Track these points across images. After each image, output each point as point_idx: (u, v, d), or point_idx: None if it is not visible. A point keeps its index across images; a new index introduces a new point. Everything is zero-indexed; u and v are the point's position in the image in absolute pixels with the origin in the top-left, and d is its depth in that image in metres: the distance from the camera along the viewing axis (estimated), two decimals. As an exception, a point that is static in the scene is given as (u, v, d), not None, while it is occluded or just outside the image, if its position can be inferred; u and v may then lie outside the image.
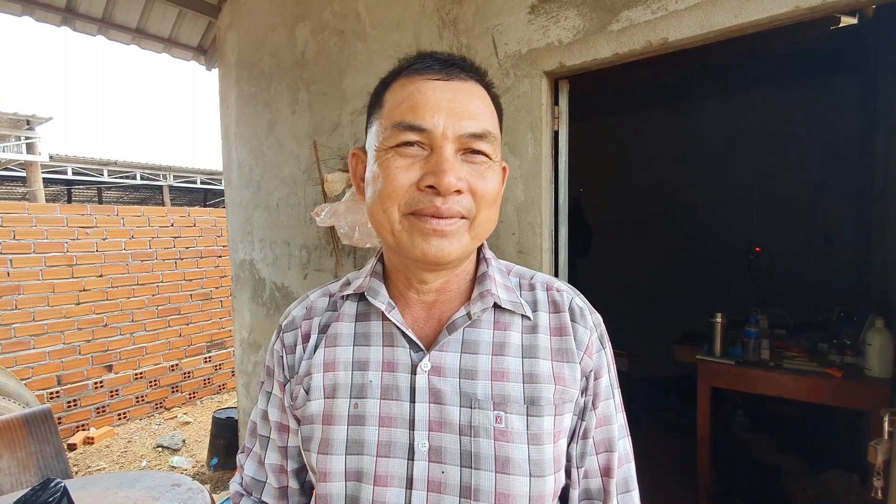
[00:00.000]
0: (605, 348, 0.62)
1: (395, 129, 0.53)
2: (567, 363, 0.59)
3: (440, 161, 0.52)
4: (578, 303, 0.63)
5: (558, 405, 0.57)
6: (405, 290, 0.62)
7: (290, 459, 0.67)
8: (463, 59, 0.57)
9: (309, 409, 0.60)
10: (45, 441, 2.03)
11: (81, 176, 7.18)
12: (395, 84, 0.57)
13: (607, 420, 0.61)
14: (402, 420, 0.56)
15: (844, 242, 3.09)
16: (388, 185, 0.53)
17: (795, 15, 1.15)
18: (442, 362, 0.58)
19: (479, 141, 0.54)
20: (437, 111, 0.53)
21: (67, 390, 3.80)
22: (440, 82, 0.54)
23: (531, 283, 0.64)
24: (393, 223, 0.54)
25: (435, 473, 0.55)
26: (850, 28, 2.11)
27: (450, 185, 0.51)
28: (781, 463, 2.53)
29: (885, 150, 2.41)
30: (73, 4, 2.60)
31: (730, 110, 3.52)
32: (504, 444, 0.54)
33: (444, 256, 0.54)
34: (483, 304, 0.59)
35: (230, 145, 2.69)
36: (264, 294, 2.58)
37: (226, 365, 4.93)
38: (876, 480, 1.18)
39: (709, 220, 3.64)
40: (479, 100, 0.56)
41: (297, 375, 0.63)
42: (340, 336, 0.62)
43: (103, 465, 3.42)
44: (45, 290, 3.71)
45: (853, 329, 2.25)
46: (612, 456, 0.61)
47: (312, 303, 0.67)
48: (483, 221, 0.56)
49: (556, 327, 0.60)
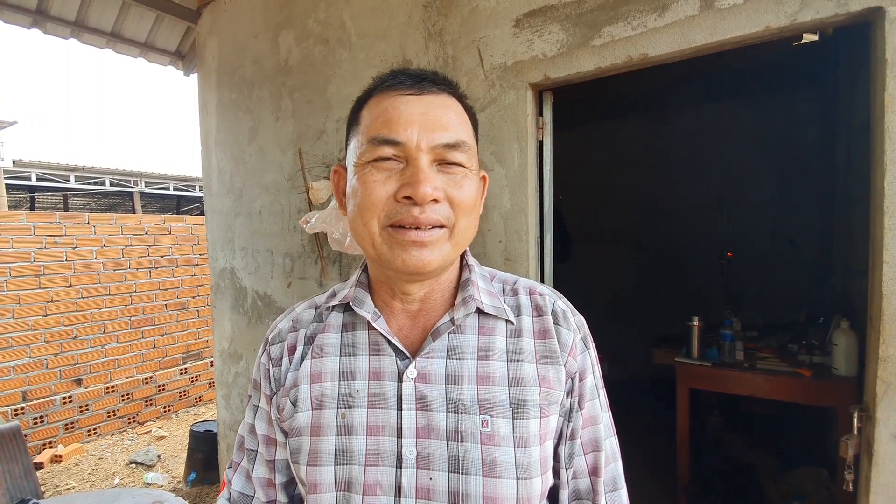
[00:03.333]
0: (588, 349, 0.63)
1: (372, 144, 0.55)
2: (552, 365, 0.60)
3: (416, 172, 0.53)
4: (561, 305, 0.64)
5: (543, 407, 0.58)
6: (390, 299, 0.63)
7: (279, 473, 0.67)
8: (434, 73, 0.59)
9: (296, 422, 0.60)
10: (13, 460, 1.94)
11: (46, 182, 6.90)
12: (371, 101, 0.59)
13: (593, 420, 0.63)
14: (390, 428, 0.57)
15: (809, 247, 3.24)
16: (367, 198, 0.55)
17: (766, 34, 1.23)
18: (428, 369, 0.58)
19: (453, 151, 0.56)
20: (410, 124, 0.54)
21: (33, 406, 3.63)
22: (413, 97, 0.56)
23: (514, 288, 0.65)
24: (373, 236, 0.56)
25: (423, 480, 0.55)
26: (812, 45, 2.24)
27: (426, 195, 0.52)
28: (755, 460, 2.62)
29: (845, 160, 2.55)
30: (44, 6, 2.52)
31: (701, 121, 3.67)
32: (491, 447, 0.55)
33: (425, 266, 0.55)
34: (466, 309, 0.60)
35: (210, 152, 2.65)
36: (246, 303, 2.53)
37: (203, 376, 4.79)
38: (847, 474, 1.24)
39: (684, 226, 3.76)
40: (452, 111, 0.58)
41: (283, 388, 0.63)
42: (327, 347, 0.63)
43: (73, 483, 3.27)
44: (10, 301, 3.54)
45: (819, 330, 2.36)
46: (599, 455, 0.62)
47: (298, 315, 0.68)
48: (463, 229, 0.57)
49: (539, 330, 0.61)
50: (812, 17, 1.16)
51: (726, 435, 2.91)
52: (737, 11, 1.23)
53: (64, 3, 2.56)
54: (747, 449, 2.75)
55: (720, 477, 2.57)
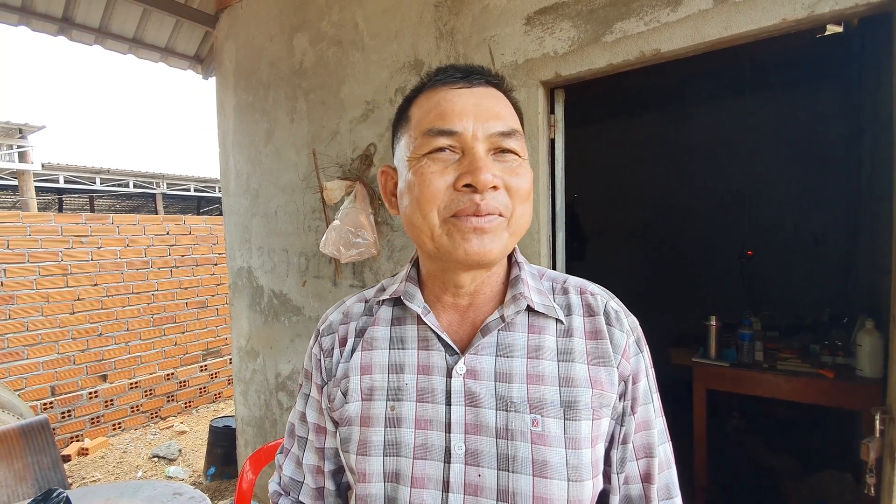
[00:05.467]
0: (642, 352, 0.62)
1: (426, 137, 0.55)
2: (604, 367, 0.58)
3: (474, 160, 0.54)
4: (614, 306, 0.63)
5: (595, 409, 0.57)
6: (441, 294, 0.63)
7: (327, 461, 0.69)
8: (482, 67, 0.60)
9: (347, 412, 0.62)
10: (41, 452, 2.01)
11: (73, 184, 7.13)
12: (420, 98, 0.59)
13: (647, 425, 0.61)
14: (438, 423, 0.57)
15: (832, 245, 3.15)
16: (426, 189, 0.54)
17: (783, 27, 1.20)
18: (477, 365, 0.58)
19: (508, 139, 0.56)
20: (464, 115, 0.55)
21: (61, 401, 3.76)
22: (464, 89, 0.57)
23: (564, 287, 0.65)
24: (433, 228, 0.55)
25: (472, 476, 0.55)
26: (836, 36, 2.17)
27: (486, 182, 0.52)
28: (776, 464, 2.56)
29: (871, 155, 2.47)
30: (69, 14, 2.61)
31: (720, 116, 3.59)
32: (541, 447, 0.54)
33: (486, 254, 0.54)
34: (516, 306, 0.59)
35: (228, 153, 2.71)
36: (262, 301, 2.58)
37: (222, 373, 4.90)
38: (869, 477, 1.21)
39: (702, 224, 3.69)
40: (503, 102, 0.59)
41: (334, 378, 0.65)
42: (377, 340, 0.64)
43: (98, 476, 3.38)
44: (40, 299, 3.68)
45: (842, 330, 2.29)
46: (652, 461, 0.61)
47: (349, 308, 0.69)
48: (520, 217, 0.57)
49: (591, 331, 0.60)
50: (830, 8, 1.13)
51: (746, 437, 2.85)
52: (752, 4, 1.20)
53: (88, 10, 2.64)
54: (768, 452, 2.69)
55: (740, 480, 2.52)
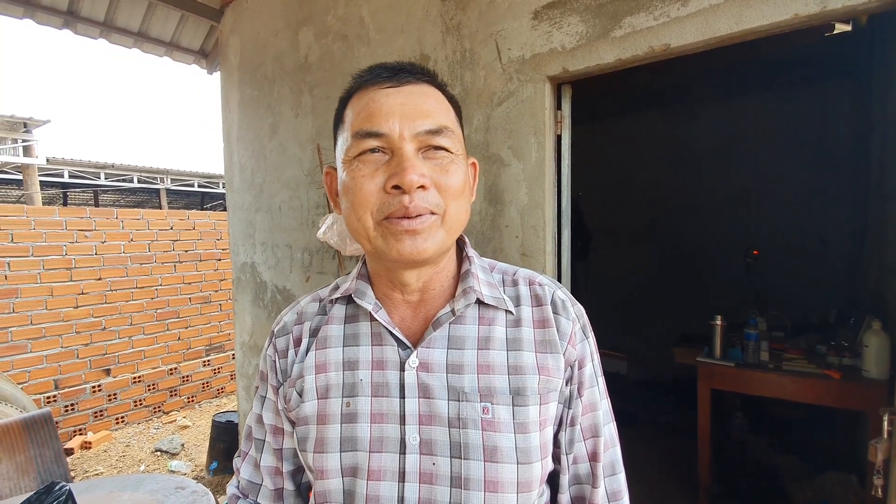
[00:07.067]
0: (587, 338, 0.65)
1: (356, 139, 0.56)
2: (551, 353, 0.61)
3: (401, 160, 0.55)
4: (560, 295, 0.65)
5: (543, 394, 0.59)
6: (390, 291, 0.64)
7: (285, 461, 0.69)
8: (411, 64, 0.61)
9: (303, 411, 0.62)
10: (44, 445, 2.02)
11: (78, 179, 7.15)
12: (352, 99, 0.60)
13: (593, 407, 0.64)
14: (393, 416, 0.59)
15: (840, 245, 3.12)
16: (358, 193, 0.56)
17: (794, 22, 1.18)
18: (429, 358, 0.60)
19: (436, 136, 0.56)
20: (391, 115, 0.55)
21: (65, 394, 3.78)
22: (391, 89, 0.57)
23: (514, 279, 0.66)
24: (368, 230, 0.57)
25: (426, 465, 0.57)
26: (845, 35, 2.15)
27: (412, 182, 0.53)
28: (780, 464, 2.55)
29: (880, 155, 2.45)
30: (74, 8, 2.60)
31: (727, 114, 3.57)
32: (491, 433, 0.57)
33: (420, 254, 0.55)
34: (466, 300, 0.61)
35: (232, 148, 2.70)
36: (266, 297, 2.58)
37: (225, 368, 4.91)
38: (876, 479, 1.20)
39: (707, 223, 3.67)
40: (432, 99, 0.59)
41: (289, 378, 0.65)
42: (330, 338, 0.65)
43: (101, 469, 3.39)
44: (43, 293, 3.69)
45: (849, 331, 2.27)
46: (598, 441, 0.64)
47: (303, 308, 0.70)
48: (454, 213, 0.58)
49: (538, 320, 0.63)
50: (843, 3, 1.11)
51: (751, 437, 2.83)
52: (764, -1, 1.19)
53: (93, 4, 2.64)
54: (772, 452, 2.68)
55: (743, 479, 2.51)
